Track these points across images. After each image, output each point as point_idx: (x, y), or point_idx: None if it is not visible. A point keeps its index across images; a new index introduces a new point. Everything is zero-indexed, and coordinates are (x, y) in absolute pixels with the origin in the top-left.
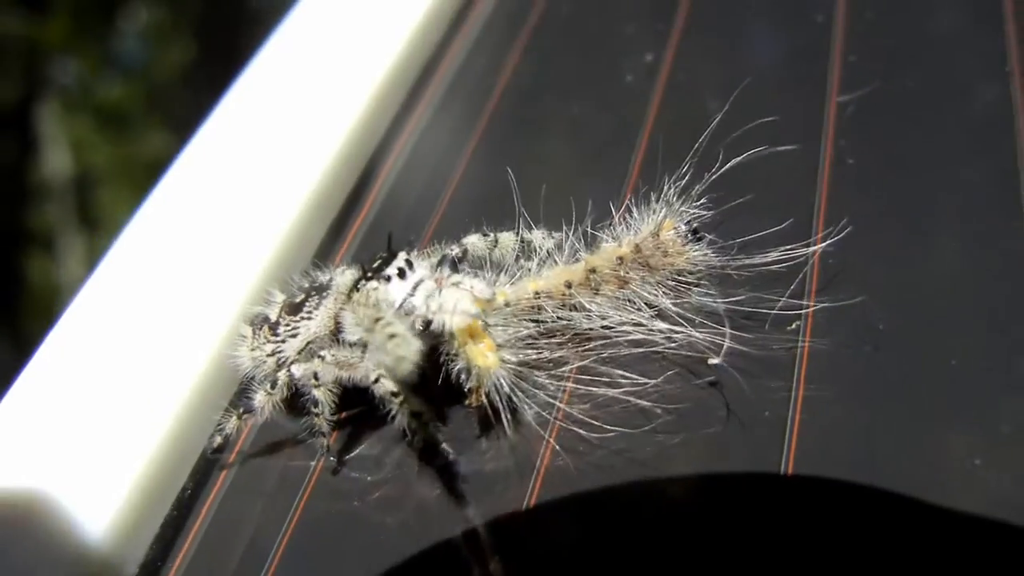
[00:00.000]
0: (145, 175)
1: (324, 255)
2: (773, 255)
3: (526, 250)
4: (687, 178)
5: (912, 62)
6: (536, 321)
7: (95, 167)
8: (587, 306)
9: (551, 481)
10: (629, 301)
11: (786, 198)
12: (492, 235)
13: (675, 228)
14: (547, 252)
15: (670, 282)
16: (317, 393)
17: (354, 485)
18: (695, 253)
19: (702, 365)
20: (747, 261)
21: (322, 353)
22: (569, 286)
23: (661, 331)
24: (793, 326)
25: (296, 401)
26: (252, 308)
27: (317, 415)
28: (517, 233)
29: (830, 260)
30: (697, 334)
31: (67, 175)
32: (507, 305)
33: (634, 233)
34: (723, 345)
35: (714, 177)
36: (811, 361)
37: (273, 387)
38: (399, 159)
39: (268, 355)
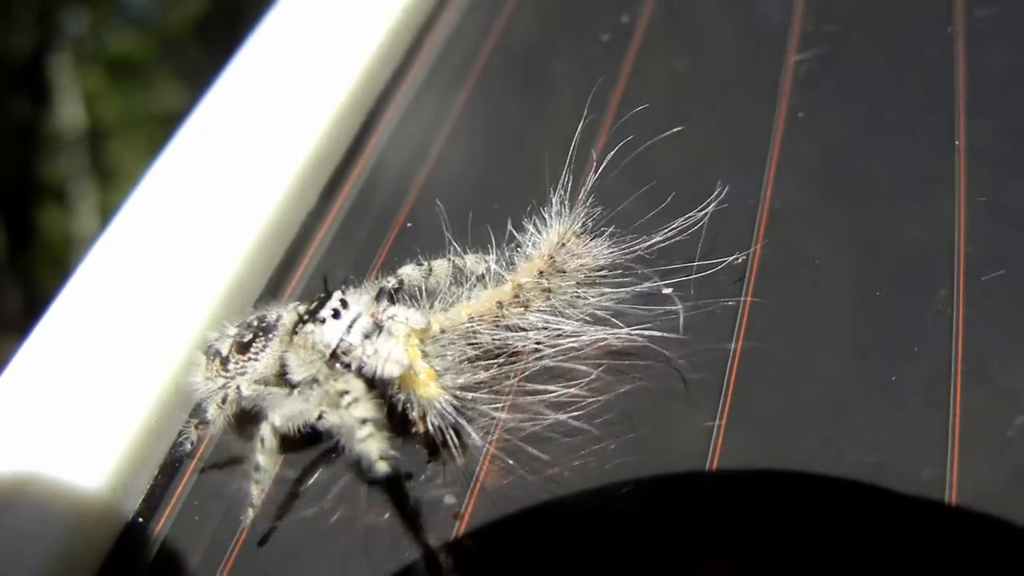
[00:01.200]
0: (157, 127)
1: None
2: (676, 224)
3: (459, 277)
4: (595, 175)
5: (864, 24)
6: (473, 344)
7: (107, 119)
8: (520, 324)
9: (496, 497)
10: (559, 311)
11: (743, 150)
12: (426, 264)
13: (574, 233)
14: (477, 278)
15: (595, 279)
16: (261, 459)
17: (301, 514)
18: (602, 249)
19: (635, 364)
20: (661, 236)
21: (272, 418)
22: (500, 306)
23: (589, 334)
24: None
25: (247, 427)
26: (207, 335)
27: (256, 482)
28: (450, 260)
29: (778, 204)
30: (624, 330)
31: (79, 127)
32: (443, 332)
33: (545, 245)
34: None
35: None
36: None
37: (224, 402)
38: (381, 139)
39: (219, 388)
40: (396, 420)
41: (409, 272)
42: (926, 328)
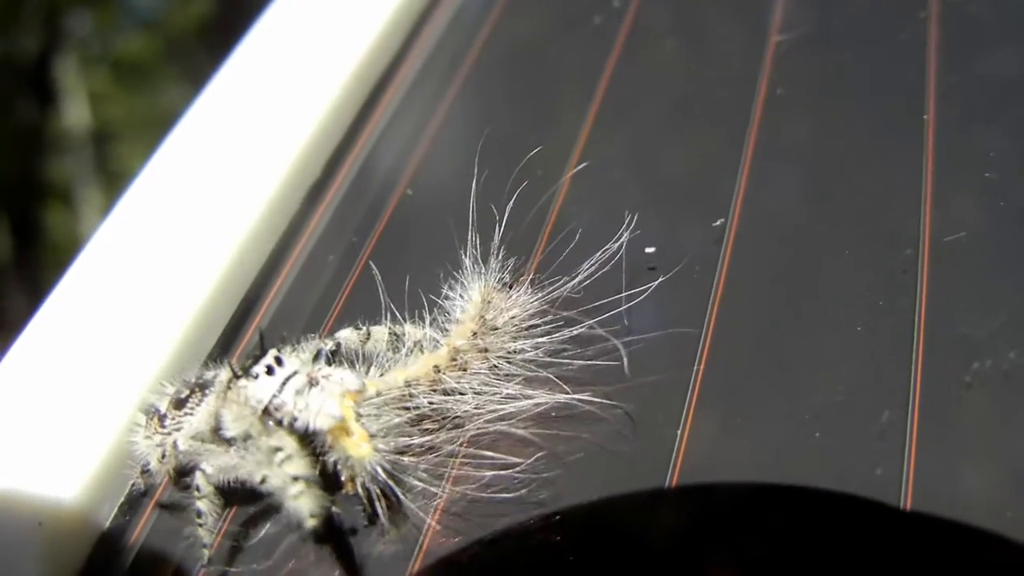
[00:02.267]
0: (163, 128)
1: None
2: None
3: (396, 344)
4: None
5: (842, 7)
6: (408, 408)
7: (113, 120)
8: (459, 388)
9: (435, 560)
10: (499, 370)
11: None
12: (365, 328)
13: (494, 289)
14: (414, 343)
15: (528, 331)
16: (200, 504)
17: (252, 566)
18: (528, 299)
19: (578, 422)
20: (584, 274)
21: (203, 466)
22: (438, 370)
23: (530, 397)
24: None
25: (182, 480)
26: (147, 397)
27: (200, 525)
28: (387, 326)
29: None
30: (564, 395)
31: (85, 128)
32: (378, 395)
33: (471, 306)
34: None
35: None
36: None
37: (163, 457)
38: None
39: (157, 445)
40: (329, 479)
41: (347, 335)
42: (892, 284)
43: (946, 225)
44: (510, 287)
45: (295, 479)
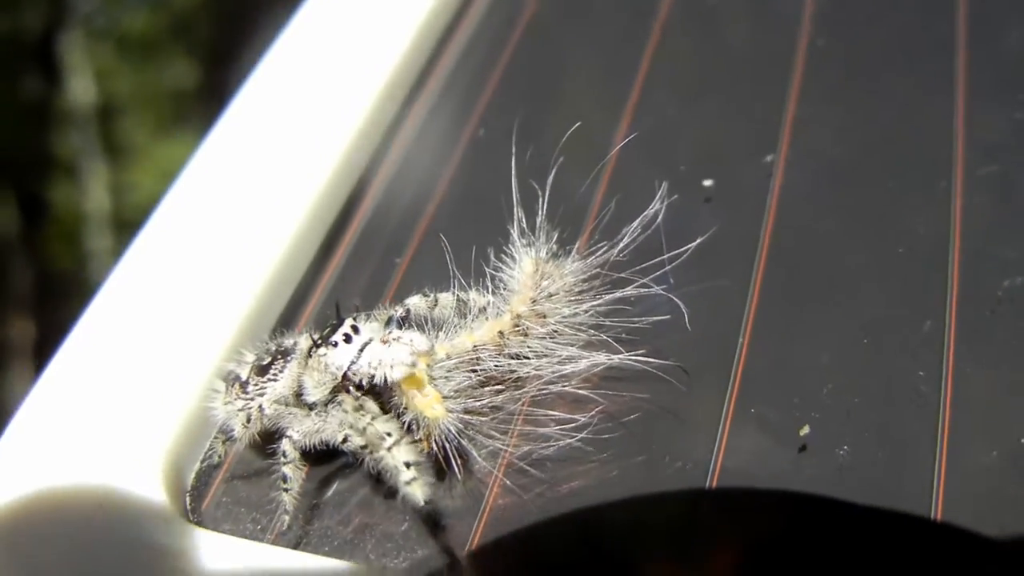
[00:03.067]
0: (168, 104)
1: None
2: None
3: (463, 310)
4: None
5: None
6: (475, 371)
7: (118, 95)
8: (522, 352)
9: (500, 517)
10: (558, 334)
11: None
12: (432, 295)
13: (544, 260)
14: (479, 309)
15: (583, 295)
16: (286, 470)
17: (325, 522)
18: (578, 265)
19: (635, 383)
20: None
21: (290, 432)
22: (502, 335)
23: (588, 359)
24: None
25: (272, 437)
26: (225, 365)
27: (286, 490)
28: (454, 293)
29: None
30: (621, 355)
31: (91, 104)
32: (448, 358)
33: (526, 276)
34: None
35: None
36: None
37: (248, 421)
38: (389, 171)
39: (239, 410)
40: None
41: (416, 302)
42: (929, 212)
43: (978, 159)
44: (559, 256)
45: (408, 465)
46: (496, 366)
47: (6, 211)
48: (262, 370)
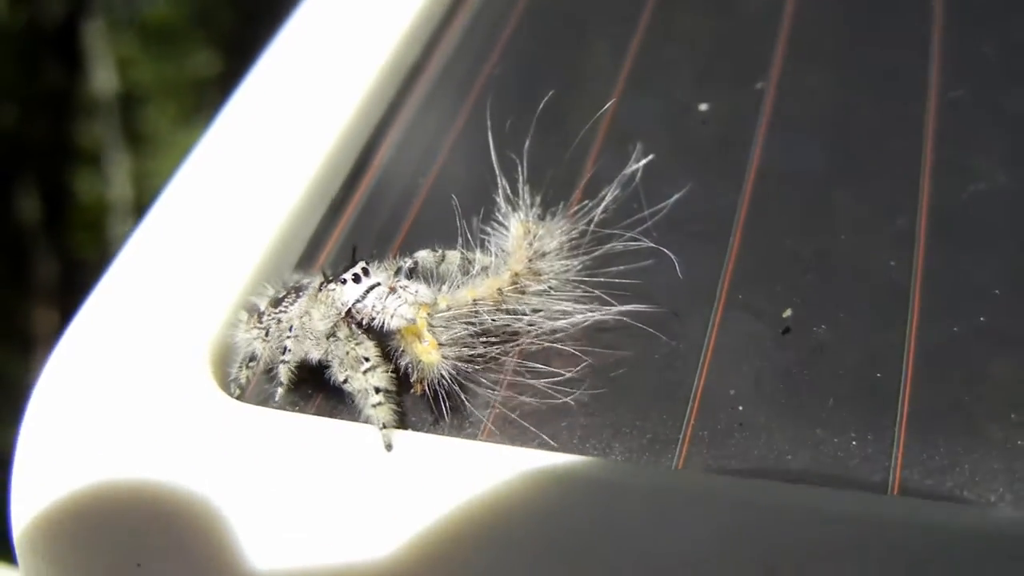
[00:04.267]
0: (190, 93)
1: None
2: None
3: (467, 268)
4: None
5: None
6: (473, 324)
7: (140, 84)
8: (517, 307)
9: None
10: (554, 291)
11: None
12: (440, 251)
13: (533, 222)
14: (482, 268)
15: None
16: (288, 343)
17: None
18: (565, 225)
19: (624, 338)
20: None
21: (295, 331)
22: (500, 292)
23: (581, 313)
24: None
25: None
26: (249, 298)
27: (284, 362)
28: (461, 251)
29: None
30: (614, 308)
31: (112, 93)
32: (448, 309)
33: (518, 238)
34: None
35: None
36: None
37: (267, 335)
38: (391, 146)
39: (255, 338)
40: (400, 381)
41: (424, 256)
42: (902, 131)
43: (949, 82)
44: (545, 218)
45: (377, 390)
46: (493, 320)
47: (29, 201)
48: (276, 302)
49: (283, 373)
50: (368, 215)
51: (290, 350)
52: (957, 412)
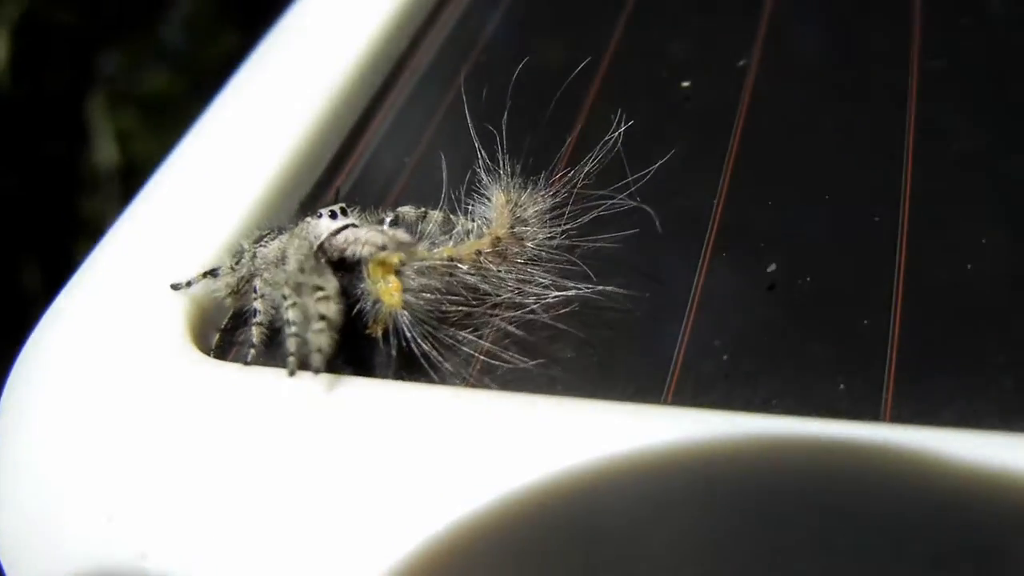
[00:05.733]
0: None
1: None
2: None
3: (448, 229)
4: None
5: None
6: (448, 280)
7: (140, 157)
8: (496, 271)
9: None
10: (534, 261)
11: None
12: (423, 209)
13: (513, 189)
14: (465, 231)
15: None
16: (256, 304)
17: None
18: (547, 193)
19: (601, 314)
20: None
21: (264, 275)
22: (479, 254)
23: (560, 287)
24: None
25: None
26: (236, 240)
27: (257, 324)
28: (444, 211)
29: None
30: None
31: (113, 164)
32: (422, 261)
33: (500, 206)
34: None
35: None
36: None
37: (237, 262)
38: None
39: (232, 269)
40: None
41: (406, 210)
42: (884, 100)
43: (931, 52)
44: (527, 186)
45: (322, 317)
46: (467, 283)
47: (30, 270)
48: (258, 239)
49: (255, 334)
50: (354, 194)
51: (260, 311)
52: (946, 355)
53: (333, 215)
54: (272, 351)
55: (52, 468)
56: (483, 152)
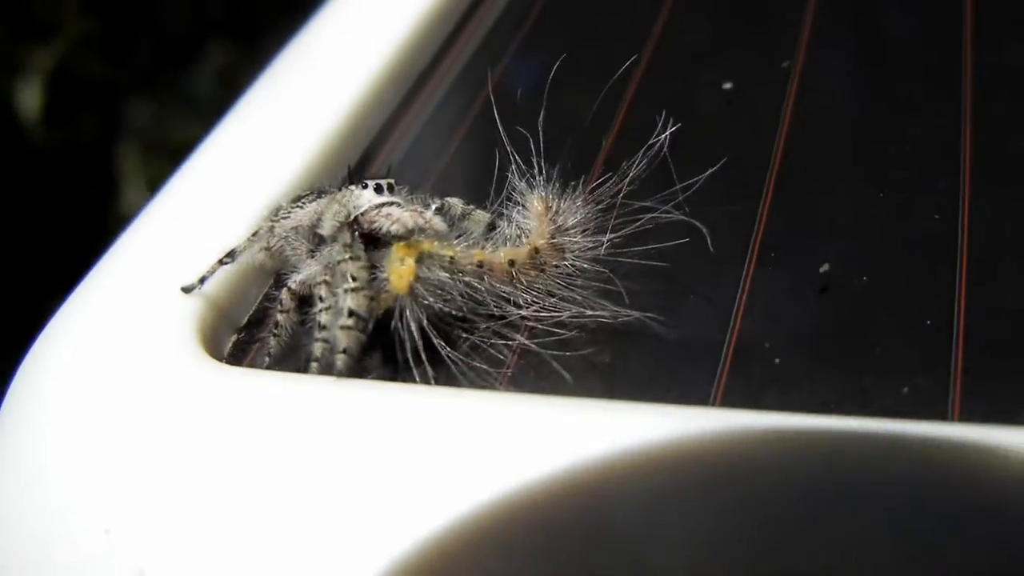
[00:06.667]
0: None
1: None
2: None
3: (491, 234)
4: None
5: None
6: (471, 285)
7: None
8: (526, 285)
9: None
10: (571, 276)
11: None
12: (472, 206)
13: (551, 197)
14: (506, 239)
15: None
16: (280, 317)
17: None
18: (585, 200)
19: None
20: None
21: (290, 283)
22: (512, 264)
23: (593, 305)
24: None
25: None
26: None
27: (276, 335)
28: (492, 213)
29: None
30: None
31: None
32: (451, 260)
33: (538, 214)
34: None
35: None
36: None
37: (254, 236)
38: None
39: (268, 229)
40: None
41: (454, 202)
42: (937, 97)
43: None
44: (564, 193)
45: (351, 313)
46: (494, 290)
47: None
48: (296, 199)
49: (273, 345)
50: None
51: (282, 324)
52: (1016, 355)
53: (379, 189)
54: (285, 351)
55: (51, 477)
56: (516, 156)
